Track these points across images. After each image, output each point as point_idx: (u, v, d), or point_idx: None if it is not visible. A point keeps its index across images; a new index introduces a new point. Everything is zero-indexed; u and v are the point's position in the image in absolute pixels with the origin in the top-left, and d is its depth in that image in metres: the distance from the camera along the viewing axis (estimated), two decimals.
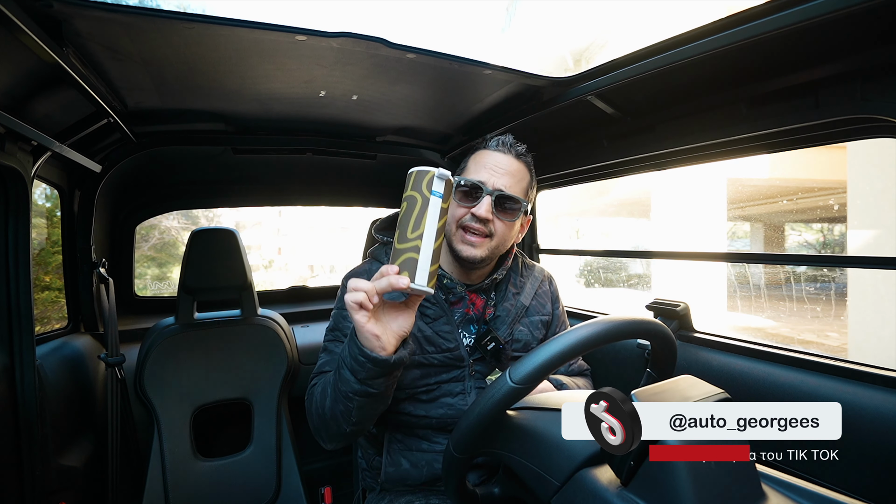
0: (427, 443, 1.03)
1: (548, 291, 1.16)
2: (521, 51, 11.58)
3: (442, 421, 1.01)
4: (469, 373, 1.02)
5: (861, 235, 4.98)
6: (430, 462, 1.02)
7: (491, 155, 1.03)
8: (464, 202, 0.99)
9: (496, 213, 0.98)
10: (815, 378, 0.96)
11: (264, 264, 19.92)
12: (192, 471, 1.42)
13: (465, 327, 1.06)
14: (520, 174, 1.03)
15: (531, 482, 0.70)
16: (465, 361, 1.02)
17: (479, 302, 1.07)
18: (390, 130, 1.59)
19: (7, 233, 1.04)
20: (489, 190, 0.98)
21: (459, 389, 1.02)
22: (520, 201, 1.01)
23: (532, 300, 1.11)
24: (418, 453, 1.03)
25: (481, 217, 0.97)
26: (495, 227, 0.99)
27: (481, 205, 0.97)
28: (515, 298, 1.09)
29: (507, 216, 1.00)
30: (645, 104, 1.15)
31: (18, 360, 1.04)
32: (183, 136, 1.49)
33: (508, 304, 1.07)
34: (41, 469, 1.07)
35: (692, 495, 0.53)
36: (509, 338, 1.04)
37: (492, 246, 1.00)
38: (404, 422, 1.03)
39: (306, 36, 0.87)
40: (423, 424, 1.02)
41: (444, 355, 1.01)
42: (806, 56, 0.82)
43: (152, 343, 1.44)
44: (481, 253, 0.99)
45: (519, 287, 1.11)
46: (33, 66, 0.87)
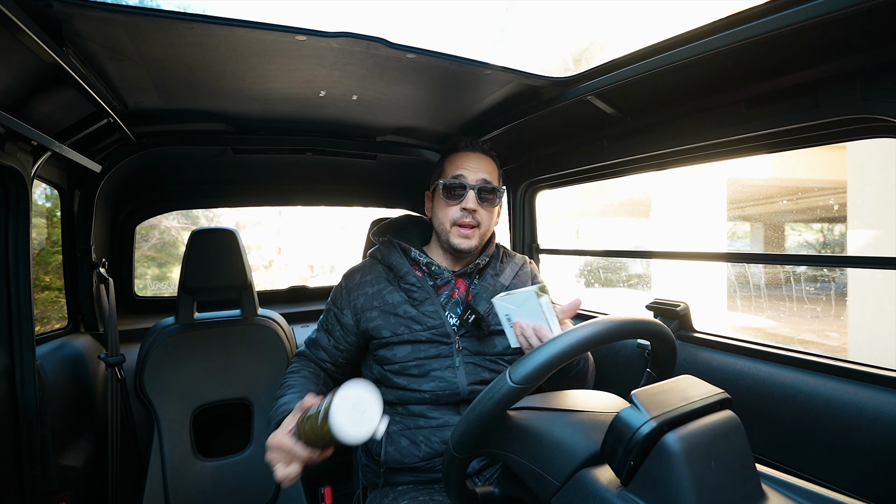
0: (424, 419, 1.10)
1: (528, 272, 1.28)
2: (521, 51, 11.58)
3: (434, 394, 1.08)
4: (457, 348, 1.11)
5: (861, 235, 4.98)
6: (427, 437, 1.08)
7: (463, 155, 1.18)
8: (451, 200, 1.15)
9: (480, 203, 1.14)
10: (815, 378, 0.96)
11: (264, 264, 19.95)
12: (192, 471, 1.42)
13: (453, 309, 1.16)
14: (491, 167, 1.19)
15: (531, 482, 0.70)
16: (451, 338, 1.12)
17: (463, 286, 1.20)
18: (390, 130, 1.59)
19: (7, 233, 1.04)
20: (471, 185, 1.13)
21: (448, 364, 1.10)
22: (497, 189, 1.17)
23: (512, 280, 1.23)
24: (416, 431, 1.09)
25: (469, 209, 1.12)
26: (480, 216, 1.15)
27: (468, 198, 1.13)
28: (494, 279, 1.21)
29: (489, 204, 1.16)
30: (645, 104, 1.15)
31: (18, 360, 1.04)
32: (183, 136, 1.49)
33: (487, 284, 1.20)
34: (41, 469, 1.07)
35: (692, 495, 0.53)
36: (488, 311, 1.15)
37: (480, 233, 1.16)
38: (401, 397, 1.10)
39: (306, 36, 0.87)
40: (418, 399, 1.09)
41: (431, 332, 1.11)
42: (806, 56, 0.82)
43: (152, 343, 1.44)
44: (475, 242, 1.15)
45: (498, 270, 1.24)
46: (33, 66, 0.87)
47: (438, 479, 1.09)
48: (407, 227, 1.31)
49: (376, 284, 1.17)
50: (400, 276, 1.16)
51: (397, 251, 1.20)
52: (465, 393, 1.08)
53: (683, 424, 0.58)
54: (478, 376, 1.10)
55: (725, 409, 0.63)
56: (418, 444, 1.08)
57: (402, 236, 1.25)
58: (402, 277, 1.16)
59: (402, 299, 1.14)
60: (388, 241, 1.24)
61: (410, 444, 1.08)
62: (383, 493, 1.11)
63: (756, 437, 1.00)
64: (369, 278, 1.19)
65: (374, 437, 0.73)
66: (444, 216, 1.16)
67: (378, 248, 1.25)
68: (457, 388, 1.08)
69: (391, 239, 1.23)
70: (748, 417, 0.98)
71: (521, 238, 1.89)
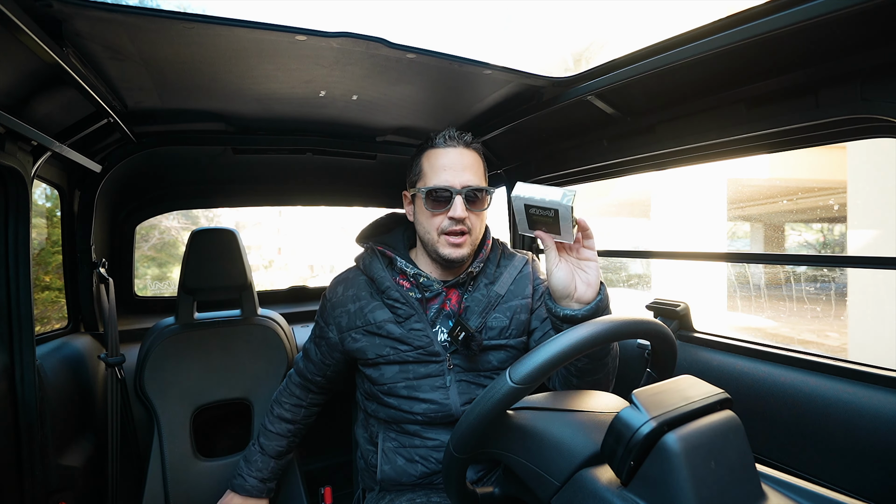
0: (419, 439, 1.05)
1: (527, 274, 1.14)
2: (521, 51, 11.58)
3: (426, 416, 1.03)
4: (448, 367, 1.04)
5: (861, 235, 4.98)
6: (424, 457, 1.04)
7: (443, 153, 1.04)
8: (437, 209, 1.01)
9: (469, 208, 1.02)
10: (815, 378, 0.96)
11: (264, 264, 19.94)
12: (192, 471, 1.42)
13: (444, 323, 1.08)
14: (476, 164, 1.05)
15: (531, 482, 0.70)
16: (441, 356, 1.04)
17: (455, 297, 1.09)
18: (390, 130, 1.59)
19: (7, 233, 1.04)
20: (457, 190, 1.00)
21: (440, 384, 1.04)
22: (486, 190, 1.04)
23: (510, 286, 1.11)
24: (412, 449, 1.05)
25: (458, 218, 1.00)
26: (471, 222, 1.03)
27: (455, 206, 1.00)
28: (488, 289, 1.09)
29: (478, 208, 1.04)
30: (645, 104, 1.15)
31: (18, 360, 1.04)
32: (183, 136, 1.49)
33: (479, 295, 1.08)
34: (41, 469, 1.07)
35: (692, 495, 0.53)
36: (481, 326, 1.05)
37: (472, 240, 1.05)
38: (393, 416, 1.06)
39: (306, 36, 0.87)
40: (410, 420, 1.05)
41: (418, 352, 1.03)
42: (806, 56, 0.82)
43: (152, 343, 1.43)
44: (467, 250, 1.04)
45: (493, 278, 1.11)
46: (33, 66, 0.87)
47: (438, 488, 1.08)
48: (394, 228, 1.21)
49: (358, 301, 1.09)
50: (382, 291, 1.07)
51: (379, 261, 1.10)
52: (458, 414, 1.02)
53: (683, 424, 0.58)
54: (471, 394, 1.04)
55: (725, 409, 0.63)
56: (414, 464, 1.05)
57: (388, 241, 1.15)
58: (384, 292, 1.06)
59: (386, 317, 1.05)
60: (370, 249, 1.13)
61: (407, 462, 1.05)
62: (380, 495, 1.11)
63: (756, 437, 1.00)
64: (351, 293, 1.11)
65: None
66: (429, 225, 1.04)
67: (361, 255, 1.16)
68: (449, 410, 1.03)
69: (373, 247, 1.12)
70: (748, 417, 0.98)
71: (522, 238, 1.89)
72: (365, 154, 1.72)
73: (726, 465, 0.58)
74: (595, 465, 0.65)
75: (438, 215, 1.02)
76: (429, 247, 1.06)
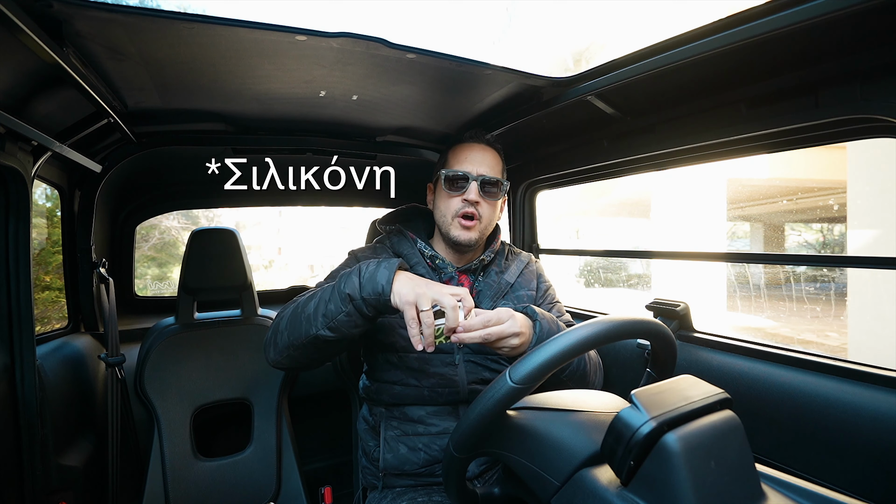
0: (423, 426, 1.08)
1: (533, 270, 1.25)
2: (521, 51, 11.58)
3: (434, 391, 1.07)
4: (458, 346, 1.10)
5: (861, 235, 4.98)
6: (427, 445, 1.07)
7: (468, 147, 1.16)
8: (453, 191, 1.12)
9: (482, 195, 1.12)
10: (815, 378, 0.96)
11: (264, 264, 19.94)
12: (192, 471, 1.42)
13: None
14: (495, 159, 1.17)
15: (531, 482, 0.70)
16: None
17: (466, 283, 1.18)
18: (390, 130, 1.59)
19: (7, 233, 1.04)
20: (474, 176, 1.11)
21: (449, 360, 1.09)
22: (500, 182, 1.14)
23: (517, 278, 1.21)
24: (414, 437, 1.08)
25: (472, 201, 1.10)
26: (482, 209, 1.12)
27: (470, 190, 1.11)
28: (499, 276, 1.19)
29: (491, 198, 1.14)
30: (645, 104, 1.15)
31: (18, 360, 1.04)
32: (183, 136, 1.49)
33: (491, 281, 1.18)
34: (41, 469, 1.07)
35: (692, 495, 0.53)
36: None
37: (481, 227, 1.14)
38: (399, 395, 1.08)
39: (306, 36, 0.87)
40: (415, 396, 1.08)
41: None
42: (806, 56, 0.82)
43: (152, 343, 1.44)
44: (475, 235, 1.13)
45: (503, 268, 1.21)
46: (33, 66, 0.87)
47: (438, 482, 1.09)
48: (413, 218, 1.28)
49: None
50: (410, 267, 1.10)
51: (408, 240, 1.18)
52: (464, 392, 1.08)
53: (683, 424, 0.58)
54: (478, 375, 1.09)
55: (725, 409, 0.63)
56: (417, 451, 1.07)
57: (409, 228, 1.22)
58: (413, 268, 1.13)
59: None
60: (397, 230, 1.21)
61: (409, 450, 1.07)
62: (382, 494, 1.11)
63: (756, 437, 1.00)
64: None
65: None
66: (445, 207, 1.14)
67: (387, 235, 1.23)
68: (456, 386, 1.08)
69: (400, 228, 1.21)
70: (748, 417, 0.97)
71: (522, 238, 1.89)
72: (365, 154, 1.72)
73: (726, 464, 0.58)
74: (595, 465, 0.65)
75: (455, 197, 1.12)
76: (443, 229, 1.15)
